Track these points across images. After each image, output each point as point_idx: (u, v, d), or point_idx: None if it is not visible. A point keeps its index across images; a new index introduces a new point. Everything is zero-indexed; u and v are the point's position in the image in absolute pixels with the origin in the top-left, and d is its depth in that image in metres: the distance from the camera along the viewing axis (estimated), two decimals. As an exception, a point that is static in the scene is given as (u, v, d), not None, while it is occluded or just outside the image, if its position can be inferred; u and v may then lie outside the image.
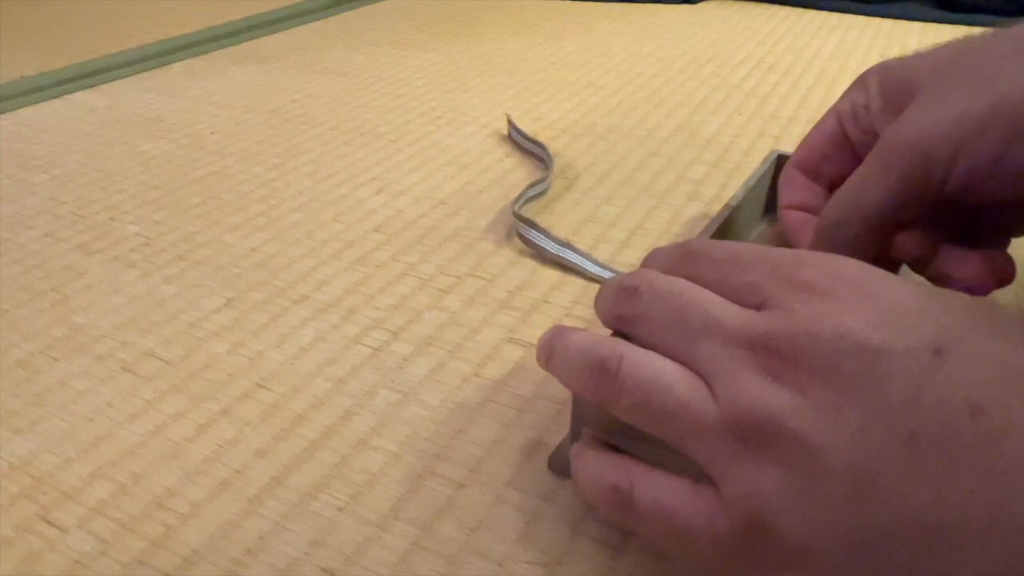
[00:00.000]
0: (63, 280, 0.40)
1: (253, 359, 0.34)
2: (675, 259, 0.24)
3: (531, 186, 0.45)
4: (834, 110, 0.33)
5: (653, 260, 0.25)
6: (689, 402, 0.20)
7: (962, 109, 0.26)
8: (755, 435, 0.18)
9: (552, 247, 0.40)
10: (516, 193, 0.48)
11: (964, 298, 0.19)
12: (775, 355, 0.19)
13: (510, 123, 0.55)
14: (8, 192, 0.50)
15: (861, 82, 0.32)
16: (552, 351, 0.24)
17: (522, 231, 0.41)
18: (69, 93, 0.67)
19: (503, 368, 0.33)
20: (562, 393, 0.31)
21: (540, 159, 0.51)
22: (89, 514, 0.27)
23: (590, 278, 0.38)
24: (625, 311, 0.23)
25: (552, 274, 0.39)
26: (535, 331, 0.35)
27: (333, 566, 0.24)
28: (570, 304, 0.37)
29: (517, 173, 0.50)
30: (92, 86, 0.69)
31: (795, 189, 0.34)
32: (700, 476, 0.20)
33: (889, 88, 0.30)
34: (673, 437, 0.20)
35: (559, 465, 0.27)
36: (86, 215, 0.47)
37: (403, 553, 0.25)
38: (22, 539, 0.26)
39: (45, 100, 0.66)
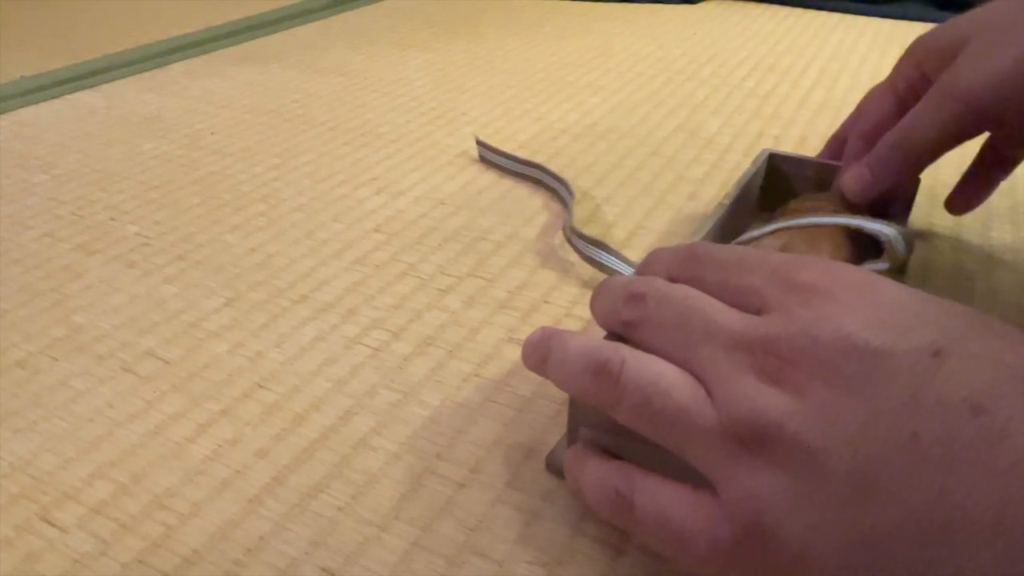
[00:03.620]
0: (63, 280, 0.40)
1: (253, 359, 0.34)
2: (678, 261, 0.24)
3: (568, 212, 0.43)
4: (891, 88, 0.35)
5: (656, 261, 0.25)
6: (688, 406, 0.20)
7: (1012, 58, 0.28)
8: (754, 439, 0.18)
9: (631, 272, 0.36)
10: (515, 193, 0.48)
11: (960, 304, 0.19)
12: (774, 358, 0.19)
13: (480, 145, 0.52)
14: (8, 192, 0.50)
15: (911, 57, 0.34)
16: (548, 354, 0.24)
17: (592, 253, 0.38)
18: (69, 93, 0.67)
19: (503, 368, 0.33)
20: (561, 394, 0.31)
21: (538, 181, 0.49)
22: (89, 514, 0.27)
23: None
24: (632, 316, 0.23)
25: (552, 274, 0.39)
26: (535, 331, 0.35)
27: (333, 566, 0.24)
28: (570, 304, 0.37)
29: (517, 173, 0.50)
30: (92, 86, 0.69)
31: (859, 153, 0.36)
32: (700, 480, 0.20)
33: (942, 51, 0.32)
34: (672, 441, 0.20)
35: (557, 466, 0.27)
36: (86, 215, 0.47)
37: (403, 553, 0.25)
38: (22, 539, 0.26)
39: (45, 100, 0.66)
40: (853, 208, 0.34)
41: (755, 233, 0.32)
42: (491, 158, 0.51)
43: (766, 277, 0.21)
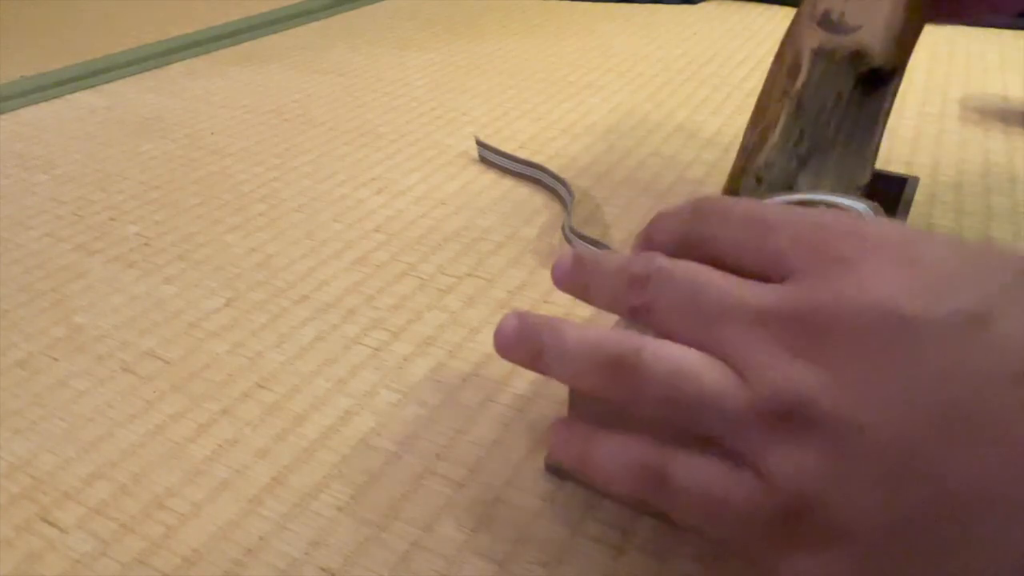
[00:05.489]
0: (63, 280, 0.40)
1: (253, 359, 0.34)
2: (685, 222, 0.22)
3: (567, 212, 0.43)
4: None
5: (660, 227, 0.23)
6: (720, 389, 0.19)
7: None
8: (790, 416, 0.18)
9: None
10: (515, 193, 0.48)
11: (1007, 254, 0.18)
12: (803, 331, 0.18)
13: (480, 145, 0.52)
14: (8, 192, 0.50)
15: None
16: (541, 348, 0.22)
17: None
18: (69, 93, 0.67)
19: (503, 368, 0.33)
20: (562, 393, 0.31)
21: (537, 181, 0.49)
22: (89, 514, 0.27)
23: None
24: (638, 301, 0.21)
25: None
26: (535, 331, 0.35)
27: (333, 566, 0.24)
28: (570, 304, 0.37)
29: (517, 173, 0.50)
30: (92, 86, 0.69)
31: None
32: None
33: None
34: (705, 426, 0.19)
35: (557, 466, 0.27)
36: (86, 215, 0.47)
37: (403, 553, 0.25)
38: (22, 539, 0.26)
39: (45, 100, 0.66)
40: None
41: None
42: (491, 158, 0.51)
43: (790, 241, 0.19)
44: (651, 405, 0.20)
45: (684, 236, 0.22)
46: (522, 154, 0.53)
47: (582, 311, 0.36)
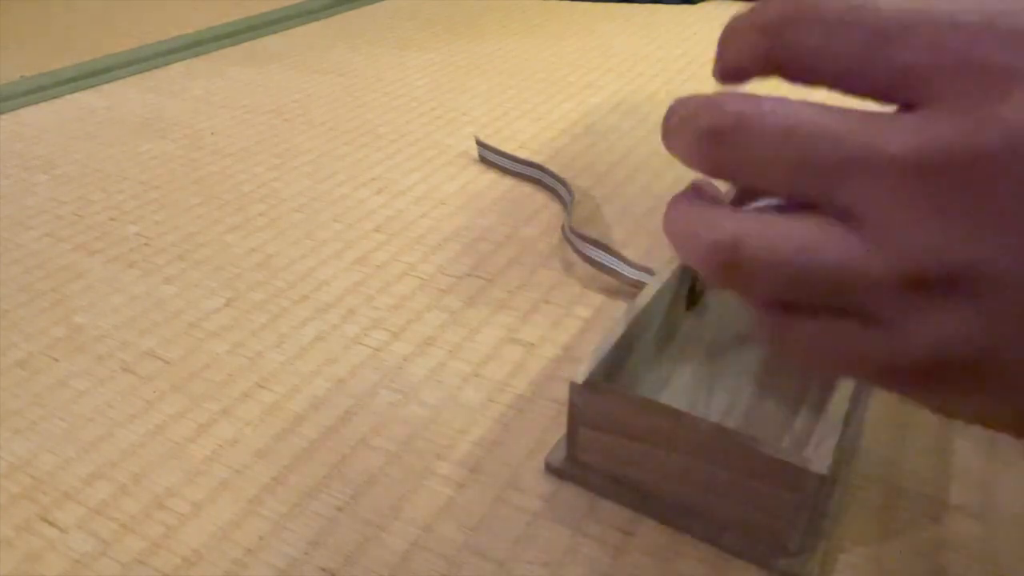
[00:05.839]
0: (63, 280, 0.40)
1: (253, 359, 0.34)
2: (764, 37, 0.16)
3: (567, 212, 0.43)
4: None
5: (731, 47, 0.18)
6: (847, 262, 0.15)
7: None
8: (943, 285, 0.14)
9: (629, 272, 0.37)
10: (515, 193, 0.48)
11: None
12: (960, 181, 0.14)
13: (480, 145, 0.52)
14: (8, 192, 0.50)
15: None
16: (666, 228, 0.18)
17: (591, 253, 0.38)
18: (69, 93, 0.67)
19: (503, 368, 0.33)
20: (562, 394, 0.31)
21: (538, 181, 0.49)
22: (89, 514, 0.27)
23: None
24: (716, 161, 0.16)
25: (552, 274, 0.39)
26: (535, 331, 0.35)
27: (333, 566, 0.24)
28: (570, 304, 0.37)
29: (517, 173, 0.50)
30: (92, 86, 0.69)
31: None
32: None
33: None
34: (829, 303, 0.16)
35: (557, 466, 0.27)
36: (86, 215, 0.47)
37: (403, 553, 0.25)
38: (22, 539, 0.26)
39: (45, 100, 0.66)
40: None
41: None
42: (491, 158, 0.51)
43: (926, 51, 0.14)
44: (771, 295, 0.16)
45: (765, 57, 0.17)
46: (522, 154, 0.53)
47: (583, 311, 0.36)
